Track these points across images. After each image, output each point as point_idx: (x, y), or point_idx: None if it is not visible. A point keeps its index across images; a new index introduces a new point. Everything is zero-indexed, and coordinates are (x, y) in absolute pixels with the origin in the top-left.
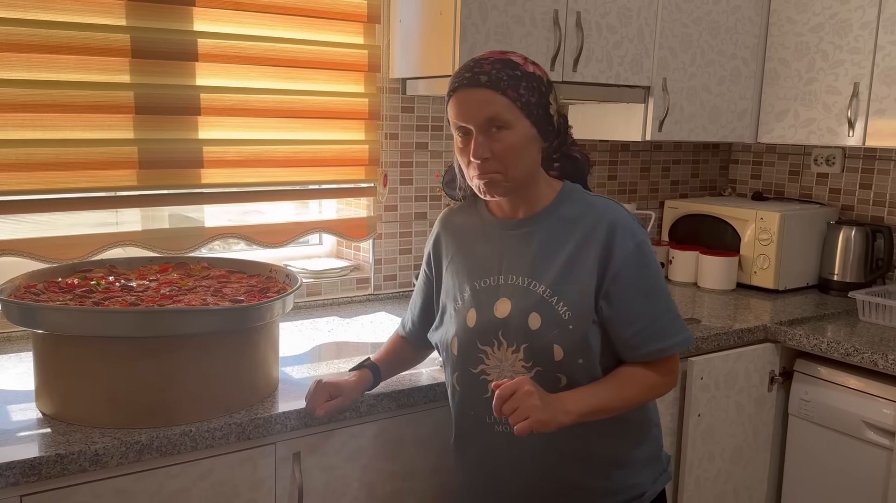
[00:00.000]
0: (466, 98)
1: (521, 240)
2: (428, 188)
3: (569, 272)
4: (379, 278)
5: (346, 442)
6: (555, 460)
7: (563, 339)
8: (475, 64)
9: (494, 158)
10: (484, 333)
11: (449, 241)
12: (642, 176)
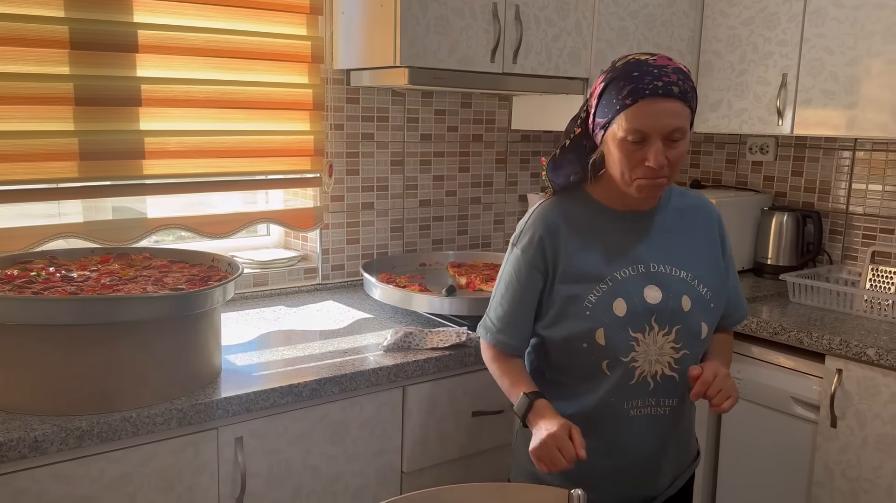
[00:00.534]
0: (658, 107)
1: (654, 230)
2: (375, 178)
3: (702, 257)
4: (327, 268)
5: (289, 426)
6: (671, 433)
7: (707, 318)
8: (659, 71)
9: (668, 165)
10: (636, 320)
11: (568, 234)
12: None
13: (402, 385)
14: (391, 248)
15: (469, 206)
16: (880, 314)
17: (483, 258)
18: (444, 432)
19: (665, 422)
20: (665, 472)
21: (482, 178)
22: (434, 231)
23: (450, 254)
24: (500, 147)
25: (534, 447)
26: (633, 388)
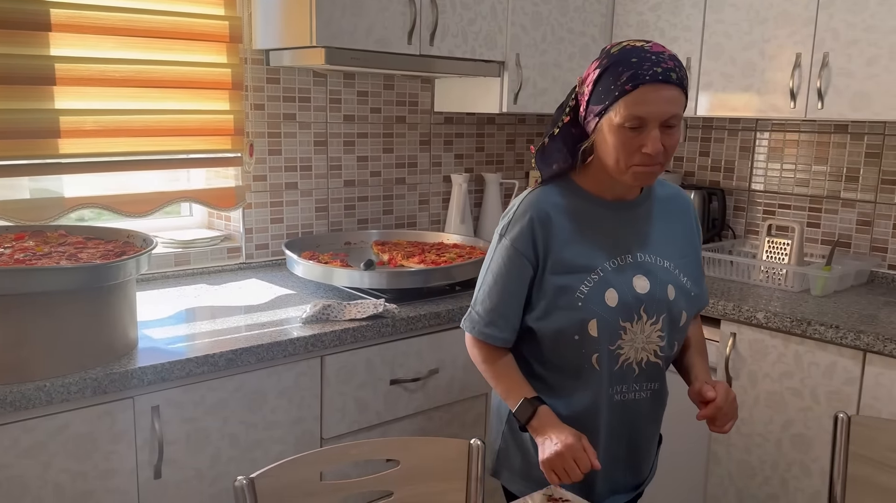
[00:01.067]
0: (657, 93)
1: (640, 219)
2: (298, 158)
3: (683, 247)
4: (250, 247)
5: (206, 395)
6: (651, 416)
7: (688, 306)
8: (657, 57)
9: (664, 151)
10: (626, 310)
11: (559, 224)
12: (508, 148)
13: (320, 355)
14: (316, 228)
15: (394, 186)
16: (775, 283)
17: (407, 236)
18: (363, 400)
19: (645, 406)
20: (646, 457)
21: (406, 158)
22: (359, 211)
23: (374, 233)
24: (424, 129)
25: (548, 458)
26: (617, 374)
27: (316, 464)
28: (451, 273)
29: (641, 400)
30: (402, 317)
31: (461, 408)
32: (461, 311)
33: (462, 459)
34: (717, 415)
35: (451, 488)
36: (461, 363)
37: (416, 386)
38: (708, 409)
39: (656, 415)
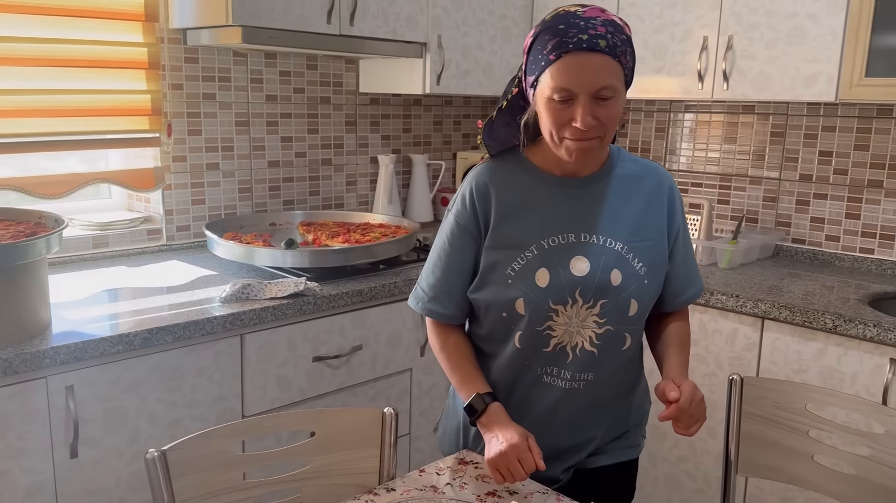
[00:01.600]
0: (582, 62)
1: (590, 198)
2: (219, 139)
3: (640, 228)
4: (171, 229)
5: (122, 374)
6: (590, 408)
7: (639, 294)
8: (585, 23)
9: (598, 125)
10: (558, 291)
11: (499, 198)
12: (435, 129)
13: (240, 333)
14: (240, 209)
15: (320, 167)
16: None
17: (333, 217)
18: (285, 377)
19: (580, 397)
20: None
21: (332, 139)
22: (285, 192)
23: (300, 214)
24: (350, 109)
25: (492, 457)
26: (549, 356)
27: (230, 437)
28: (374, 251)
29: (574, 390)
30: (323, 296)
31: (386, 383)
32: (384, 289)
33: (376, 427)
34: (681, 416)
35: (366, 455)
36: (385, 339)
37: (339, 362)
38: (670, 410)
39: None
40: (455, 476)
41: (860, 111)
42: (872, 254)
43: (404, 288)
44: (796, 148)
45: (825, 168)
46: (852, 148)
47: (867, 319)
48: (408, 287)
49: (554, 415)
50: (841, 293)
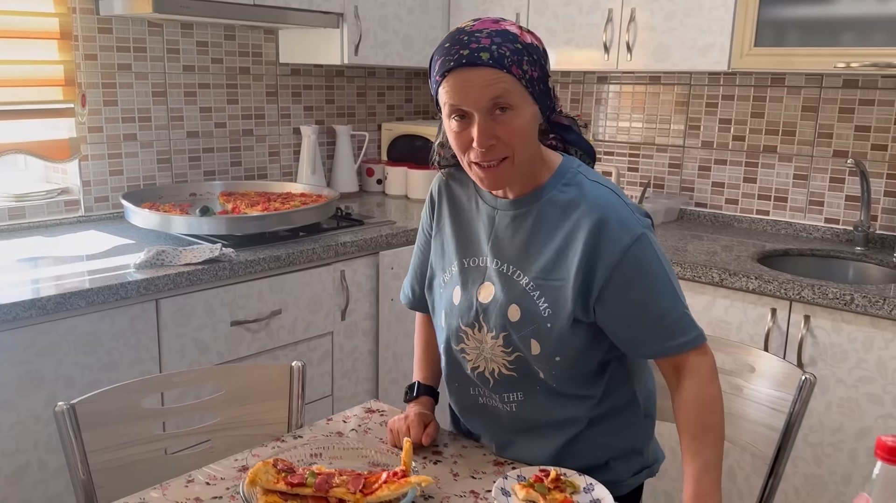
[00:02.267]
0: (466, 78)
1: (511, 223)
2: (136, 109)
3: (554, 266)
4: (90, 200)
5: (36, 339)
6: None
7: (539, 336)
8: (468, 37)
9: (500, 144)
10: (466, 314)
11: (444, 208)
12: (359, 100)
13: (155, 298)
14: (159, 180)
15: (241, 137)
16: None
17: (255, 187)
18: (203, 341)
19: (514, 417)
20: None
21: (253, 110)
22: (205, 162)
23: (221, 184)
24: (270, 80)
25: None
26: (473, 378)
27: (138, 392)
28: (291, 218)
29: (506, 412)
30: (240, 261)
31: (307, 346)
32: (302, 255)
33: (284, 380)
34: None
35: (274, 407)
36: (305, 304)
37: (258, 326)
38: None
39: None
40: (360, 423)
41: (756, 80)
42: (768, 215)
43: (322, 254)
44: (698, 116)
45: (725, 135)
46: (749, 115)
47: (750, 273)
48: (326, 253)
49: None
50: (739, 252)
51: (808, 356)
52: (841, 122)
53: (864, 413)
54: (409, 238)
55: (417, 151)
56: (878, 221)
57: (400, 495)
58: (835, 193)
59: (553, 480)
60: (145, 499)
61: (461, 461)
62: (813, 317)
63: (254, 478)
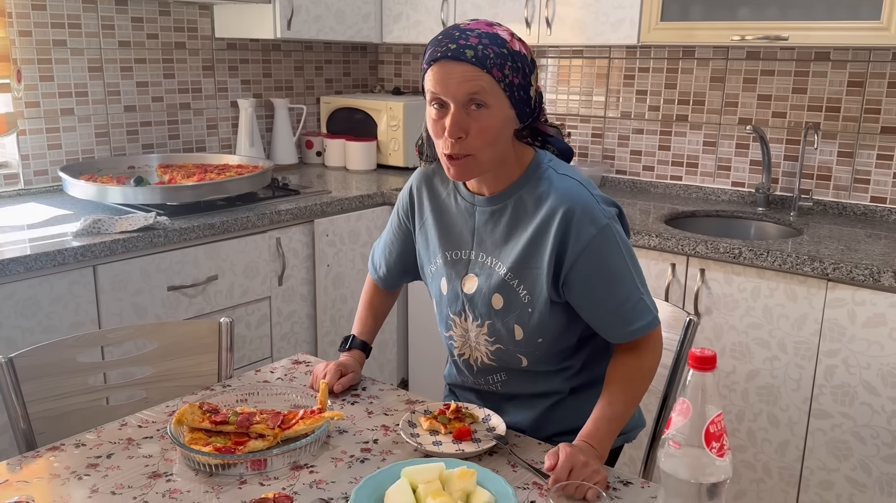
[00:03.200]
0: (448, 70)
1: (489, 218)
2: (72, 84)
3: (529, 255)
4: (28, 173)
5: None
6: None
7: (522, 320)
8: (460, 34)
9: (469, 137)
10: (453, 304)
11: (425, 202)
12: (297, 74)
13: (92, 264)
14: (98, 153)
15: (178, 111)
16: None
17: (193, 159)
18: (141, 305)
19: (500, 393)
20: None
21: (190, 84)
22: (143, 136)
23: (159, 157)
24: (206, 55)
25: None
26: (462, 363)
27: (74, 347)
28: (225, 187)
29: (493, 392)
30: (174, 229)
31: (244, 310)
32: (237, 223)
33: (213, 336)
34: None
35: (205, 360)
36: (241, 270)
37: (195, 291)
38: (550, 482)
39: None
40: (286, 373)
41: (668, 53)
42: (680, 180)
43: (257, 222)
44: (617, 88)
45: (641, 105)
46: (663, 87)
47: (653, 232)
48: (261, 221)
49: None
50: (654, 214)
51: (703, 306)
52: (745, 91)
53: (753, 356)
54: (344, 206)
55: (357, 124)
56: (779, 184)
57: (314, 428)
58: (740, 159)
59: (454, 411)
60: (81, 440)
61: (376, 402)
62: (707, 270)
63: (180, 418)
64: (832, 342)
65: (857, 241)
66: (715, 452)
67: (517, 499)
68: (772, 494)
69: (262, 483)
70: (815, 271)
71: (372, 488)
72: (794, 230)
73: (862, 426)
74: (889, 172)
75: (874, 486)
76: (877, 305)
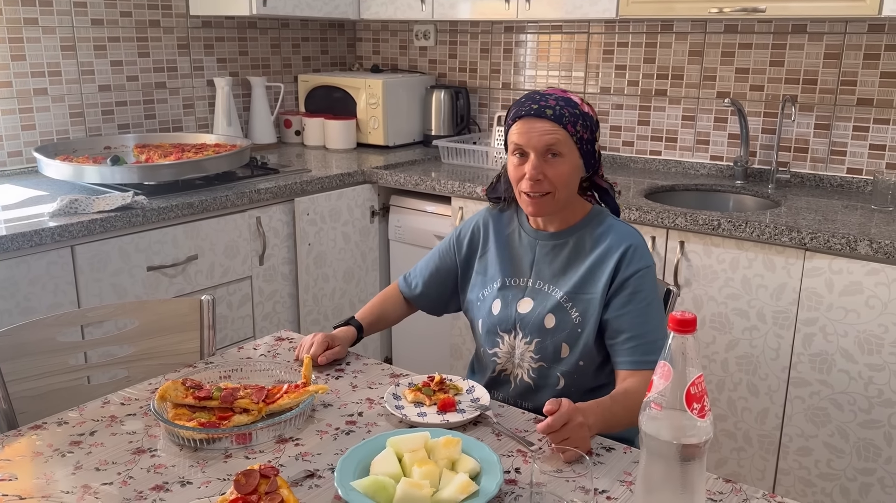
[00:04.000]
0: (531, 125)
1: (550, 251)
2: (45, 64)
3: (585, 282)
4: (2, 154)
5: None
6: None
7: (571, 340)
8: (541, 97)
9: (546, 181)
10: (504, 322)
11: (490, 235)
12: (273, 52)
13: (70, 244)
14: (73, 133)
15: (154, 90)
16: (500, 164)
17: (169, 139)
18: (121, 285)
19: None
20: None
21: (165, 63)
22: (119, 115)
23: (134, 137)
24: (181, 33)
25: None
26: (497, 380)
27: (53, 326)
28: (203, 166)
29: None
30: (153, 208)
31: (226, 290)
32: (216, 202)
33: (194, 313)
34: (553, 437)
35: (186, 338)
36: (221, 249)
37: (175, 271)
38: (541, 424)
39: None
40: (269, 349)
41: (647, 27)
42: (660, 155)
43: (237, 201)
44: (597, 63)
45: (620, 80)
46: (642, 61)
47: (632, 206)
48: (240, 200)
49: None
50: (634, 189)
51: (683, 278)
52: (723, 65)
53: (732, 326)
54: (324, 185)
55: (335, 103)
56: (757, 157)
57: (299, 402)
58: (719, 132)
59: (438, 383)
60: (63, 418)
61: (360, 376)
62: (687, 242)
63: (163, 395)
64: (810, 311)
65: (833, 211)
66: (696, 413)
67: (502, 466)
68: (752, 461)
69: (248, 456)
70: (793, 241)
71: (358, 458)
72: (771, 202)
73: (839, 393)
74: (865, 144)
75: (852, 451)
76: (853, 274)
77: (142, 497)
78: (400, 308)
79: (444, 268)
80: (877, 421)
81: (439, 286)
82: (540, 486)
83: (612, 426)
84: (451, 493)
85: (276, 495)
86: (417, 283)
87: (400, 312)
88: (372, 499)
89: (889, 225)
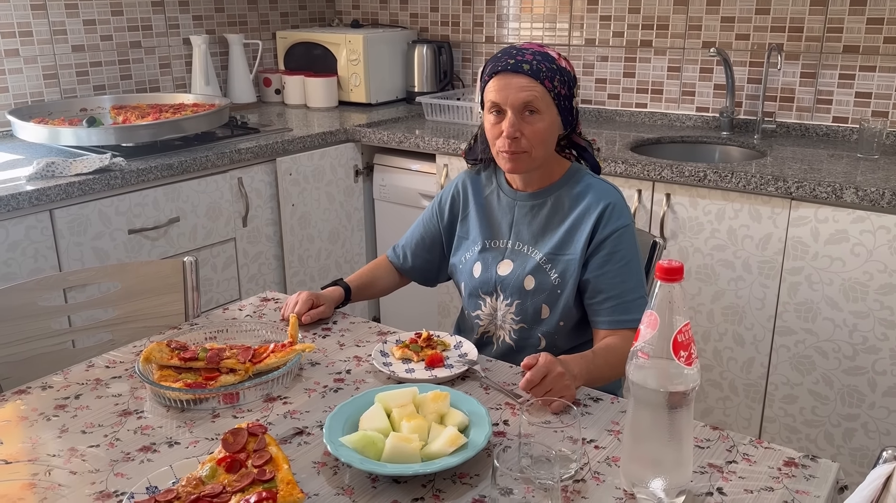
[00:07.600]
0: (507, 81)
1: (529, 211)
2: (15, 24)
3: (564, 244)
4: None
5: None
6: None
7: (550, 301)
8: (517, 52)
9: (523, 138)
10: (485, 285)
11: (470, 197)
12: (250, 8)
13: (49, 208)
14: (47, 96)
15: (129, 50)
16: None
17: (146, 100)
18: (102, 249)
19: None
20: None
21: (139, 21)
22: (94, 77)
23: (111, 98)
24: None
25: None
26: (481, 342)
27: (34, 290)
28: (181, 126)
29: None
30: (131, 170)
31: (209, 252)
32: (196, 163)
33: (178, 275)
34: (534, 391)
35: (170, 300)
36: (203, 211)
37: (157, 234)
38: (522, 381)
39: None
40: (255, 310)
41: None
42: (645, 107)
43: (217, 161)
44: (581, 14)
45: (605, 31)
46: (627, 11)
47: (618, 159)
48: (221, 160)
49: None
50: (620, 142)
51: (669, 230)
52: (709, 14)
53: (718, 277)
54: (306, 144)
55: (315, 60)
56: (743, 107)
57: (286, 361)
58: (704, 83)
59: (425, 339)
60: (48, 382)
61: (347, 334)
62: (673, 194)
63: (148, 356)
64: (796, 260)
65: (819, 160)
66: (683, 361)
67: (490, 419)
68: (738, 410)
69: (236, 416)
70: (779, 191)
71: (346, 415)
72: (757, 153)
73: (824, 341)
74: (851, 92)
75: (836, 398)
76: (839, 222)
77: (129, 458)
78: (391, 276)
79: (429, 236)
80: (861, 367)
81: (428, 254)
82: (528, 437)
83: (595, 379)
84: (440, 446)
85: (264, 453)
86: (406, 254)
87: (391, 280)
88: (361, 453)
89: (874, 172)
